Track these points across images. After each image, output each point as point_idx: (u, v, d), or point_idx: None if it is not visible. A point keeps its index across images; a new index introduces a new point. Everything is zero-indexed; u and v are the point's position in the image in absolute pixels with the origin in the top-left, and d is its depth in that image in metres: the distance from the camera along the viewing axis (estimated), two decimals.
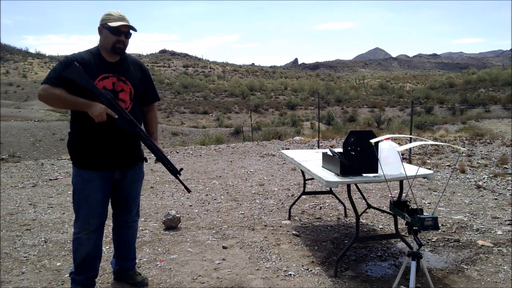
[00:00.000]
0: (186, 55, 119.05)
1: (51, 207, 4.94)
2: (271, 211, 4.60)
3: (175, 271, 2.99)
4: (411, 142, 7.81)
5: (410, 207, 2.19)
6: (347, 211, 4.42)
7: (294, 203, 4.42)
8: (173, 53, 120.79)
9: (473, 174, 6.47)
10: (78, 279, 2.50)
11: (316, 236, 3.75)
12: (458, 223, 4.03)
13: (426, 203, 4.82)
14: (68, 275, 2.71)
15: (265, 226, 4.05)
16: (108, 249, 3.33)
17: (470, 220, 4.12)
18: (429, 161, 7.76)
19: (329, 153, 3.00)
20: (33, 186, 6.36)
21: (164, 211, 4.42)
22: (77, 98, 2.27)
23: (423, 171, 2.98)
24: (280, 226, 4.06)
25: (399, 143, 7.77)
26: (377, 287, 2.72)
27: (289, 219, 4.28)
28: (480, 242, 3.49)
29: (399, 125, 21.90)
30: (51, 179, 6.88)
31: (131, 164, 2.54)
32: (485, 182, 5.86)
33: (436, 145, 8.99)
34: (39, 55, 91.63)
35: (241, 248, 3.44)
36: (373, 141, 2.45)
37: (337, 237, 3.71)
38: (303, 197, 4.84)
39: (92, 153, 2.38)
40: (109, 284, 2.79)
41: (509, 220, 4.06)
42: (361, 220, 4.08)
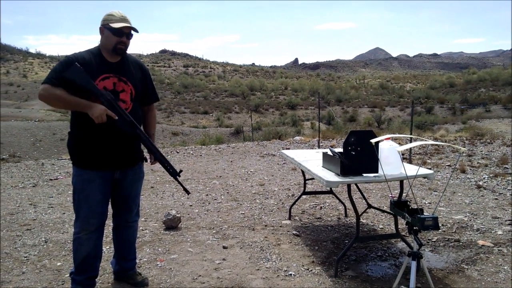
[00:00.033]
0: (186, 55, 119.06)
1: (52, 207, 4.94)
2: (272, 211, 4.59)
3: (175, 271, 2.99)
4: (411, 142, 7.81)
5: (410, 207, 2.19)
6: (348, 211, 4.42)
7: (294, 203, 4.42)
8: (174, 53, 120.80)
9: (474, 174, 6.46)
10: (78, 279, 2.50)
11: (316, 236, 3.75)
12: (458, 223, 4.03)
13: (426, 203, 4.81)
14: (68, 275, 2.71)
15: (266, 226, 4.05)
16: (108, 249, 3.33)
17: (470, 220, 4.12)
18: (429, 161, 7.76)
19: (330, 153, 3.00)
20: (34, 186, 6.36)
21: (164, 211, 4.42)
22: (77, 98, 2.27)
23: (424, 171, 2.98)
24: (280, 226, 4.06)
25: (399, 143, 7.78)
26: (378, 287, 2.72)
27: (290, 219, 4.28)
28: (480, 242, 3.49)
29: (400, 125, 21.90)
30: (51, 179, 6.89)
31: (131, 164, 2.54)
32: (485, 182, 5.86)
33: (436, 145, 8.99)
34: (39, 55, 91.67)
35: (242, 248, 3.44)
36: (373, 141, 2.45)
37: (337, 237, 3.70)
38: (304, 197, 4.84)
39: (92, 153, 2.38)
40: (110, 284, 2.79)
41: (509, 220, 4.05)
42: (362, 220, 4.08)
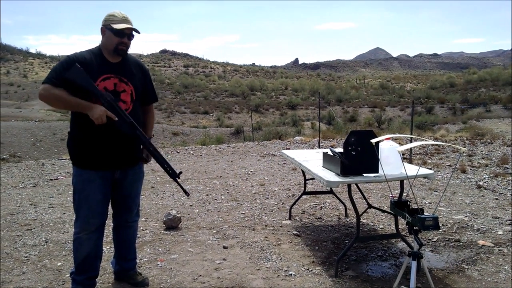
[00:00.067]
0: (186, 55, 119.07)
1: (52, 207, 4.94)
2: (272, 211, 4.59)
3: (175, 271, 2.99)
4: (411, 142, 7.81)
5: (410, 207, 2.19)
6: (348, 211, 4.42)
7: (294, 203, 4.42)
8: (174, 53, 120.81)
9: (474, 174, 6.46)
10: (78, 279, 2.50)
11: (316, 236, 3.75)
12: (458, 223, 4.03)
13: (426, 203, 4.81)
14: (68, 275, 2.72)
15: (266, 226, 4.05)
16: (108, 249, 3.33)
17: (470, 220, 4.12)
18: (429, 161, 7.75)
19: (330, 153, 3.00)
20: (34, 186, 6.37)
21: (164, 211, 4.42)
22: (77, 99, 2.27)
23: (424, 171, 2.98)
24: (280, 226, 4.06)
25: (399, 143, 7.77)
26: (378, 287, 2.72)
27: (290, 219, 4.28)
28: (480, 242, 3.49)
29: (400, 125, 21.89)
30: (51, 179, 6.89)
31: (131, 164, 2.54)
32: (485, 182, 5.86)
33: (436, 145, 8.99)
34: (39, 55, 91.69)
35: (242, 248, 3.44)
36: (373, 141, 2.45)
37: (337, 237, 3.70)
38: (304, 197, 4.84)
39: (92, 153, 2.38)
40: (110, 284, 2.79)
41: (509, 220, 4.05)
42: (362, 220, 4.08)
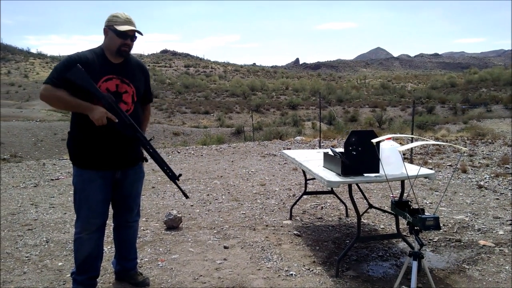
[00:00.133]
0: (187, 55, 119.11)
1: (53, 207, 4.95)
2: (273, 211, 4.59)
3: (176, 271, 2.99)
4: (412, 142, 7.80)
5: (411, 207, 2.19)
6: (349, 211, 4.42)
7: (295, 203, 4.42)
8: (175, 53, 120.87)
9: (475, 174, 6.46)
10: (79, 279, 2.50)
11: (317, 236, 3.75)
12: (459, 223, 4.02)
13: (427, 203, 4.81)
14: (69, 275, 2.72)
15: (267, 226, 4.05)
16: (109, 249, 3.34)
17: (471, 220, 4.11)
18: (430, 161, 7.74)
19: (331, 153, 3.00)
20: (35, 186, 6.38)
21: (165, 211, 4.42)
22: (78, 100, 2.26)
23: (425, 171, 2.97)
24: (281, 226, 4.06)
25: (400, 143, 7.77)
26: (379, 287, 2.72)
27: (291, 219, 4.28)
28: (481, 242, 3.49)
29: (401, 125, 21.87)
30: (52, 179, 6.90)
31: (132, 164, 2.54)
32: (486, 182, 5.85)
33: (437, 145, 8.98)
34: (40, 55, 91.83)
35: (243, 248, 3.44)
36: (374, 141, 2.45)
37: (338, 237, 3.70)
38: (304, 197, 4.84)
39: (93, 154, 2.38)
40: (111, 284, 2.79)
41: (510, 220, 4.05)
42: (363, 220, 4.07)
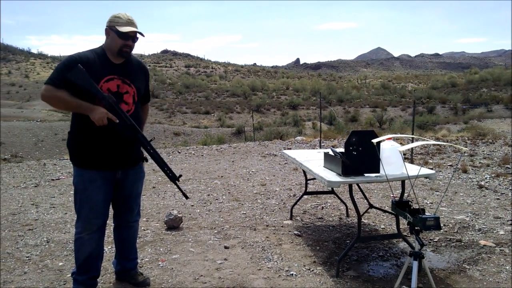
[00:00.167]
0: (188, 55, 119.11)
1: (53, 207, 4.95)
2: (273, 211, 4.60)
3: (177, 271, 2.99)
4: (413, 142, 7.80)
5: (412, 207, 2.19)
6: (349, 211, 4.42)
7: (296, 203, 4.42)
8: (175, 53, 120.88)
9: (475, 174, 6.45)
10: (80, 279, 2.51)
11: (318, 236, 3.75)
12: (460, 223, 4.02)
13: (428, 203, 4.81)
14: (70, 275, 2.72)
15: (267, 226, 4.05)
16: (110, 249, 3.34)
17: (472, 220, 4.11)
18: (431, 161, 7.74)
19: (331, 153, 3.00)
20: (36, 186, 6.38)
21: (166, 211, 4.42)
22: (79, 101, 2.27)
23: (425, 171, 2.97)
24: (282, 226, 4.06)
25: (401, 143, 7.76)
26: (379, 287, 2.72)
27: (291, 219, 4.28)
28: (482, 242, 3.48)
29: (401, 125, 21.85)
30: (53, 179, 6.90)
31: (132, 164, 2.55)
32: (487, 182, 5.85)
33: (438, 145, 8.97)
34: (41, 56, 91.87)
35: (243, 248, 3.45)
36: (375, 141, 2.45)
37: (339, 237, 3.70)
38: (305, 197, 4.84)
39: (93, 154, 2.38)
40: (111, 284, 2.80)
41: (511, 220, 4.04)
42: (363, 220, 4.07)
